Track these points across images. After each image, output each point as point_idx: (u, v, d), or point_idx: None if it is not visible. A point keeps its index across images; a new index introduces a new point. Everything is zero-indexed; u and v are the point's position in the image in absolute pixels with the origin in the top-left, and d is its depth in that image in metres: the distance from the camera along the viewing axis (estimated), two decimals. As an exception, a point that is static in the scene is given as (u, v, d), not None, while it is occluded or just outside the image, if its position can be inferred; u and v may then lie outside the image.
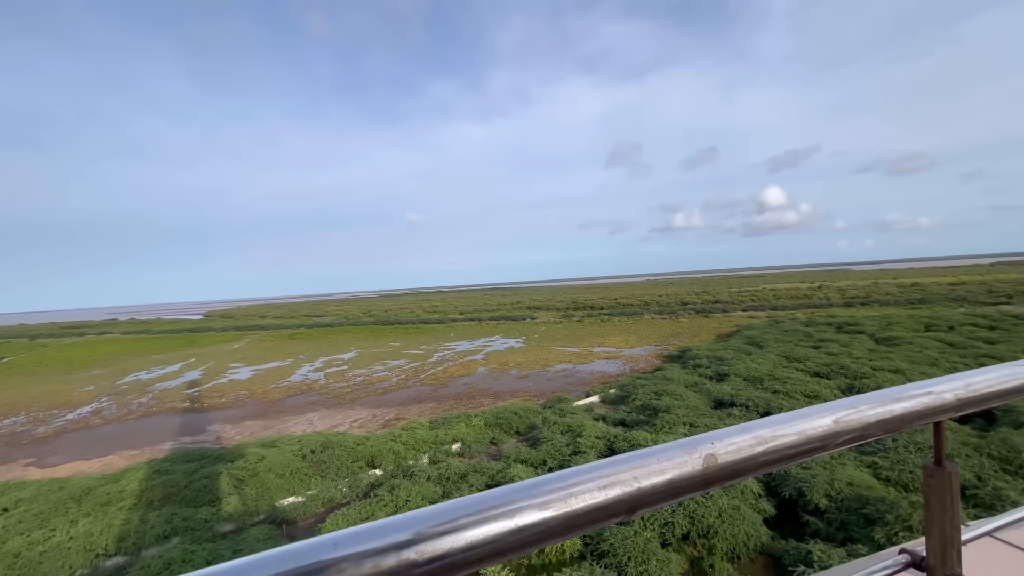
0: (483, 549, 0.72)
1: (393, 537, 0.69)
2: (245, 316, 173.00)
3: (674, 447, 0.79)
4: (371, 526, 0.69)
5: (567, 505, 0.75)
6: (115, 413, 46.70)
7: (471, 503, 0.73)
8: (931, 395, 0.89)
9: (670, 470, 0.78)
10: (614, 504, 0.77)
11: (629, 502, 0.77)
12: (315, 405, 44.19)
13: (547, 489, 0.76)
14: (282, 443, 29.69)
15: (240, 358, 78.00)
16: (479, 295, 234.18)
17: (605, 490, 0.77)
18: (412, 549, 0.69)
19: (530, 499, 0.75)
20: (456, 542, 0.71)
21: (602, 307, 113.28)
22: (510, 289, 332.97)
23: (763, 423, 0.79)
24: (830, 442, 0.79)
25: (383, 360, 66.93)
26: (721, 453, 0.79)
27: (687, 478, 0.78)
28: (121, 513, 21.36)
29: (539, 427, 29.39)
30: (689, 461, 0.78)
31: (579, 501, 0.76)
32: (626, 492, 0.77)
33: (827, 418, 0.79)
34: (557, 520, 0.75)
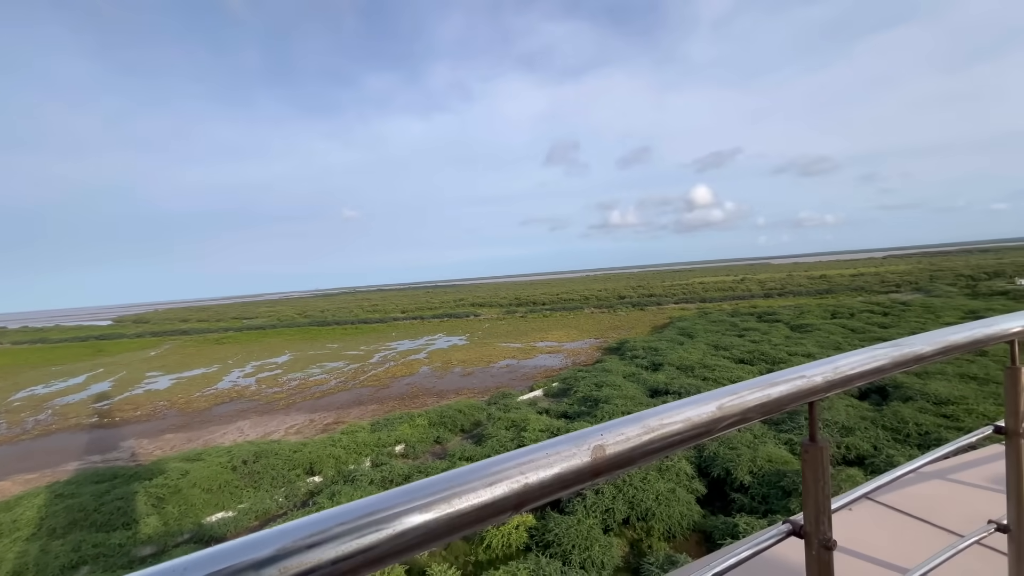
0: (356, 559, 0.71)
1: (253, 555, 0.65)
2: (163, 320, 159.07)
3: (563, 441, 0.80)
4: (230, 545, 0.65)
5: (451, 506, 0.76)
6: (4, 434, 41.38)
7: (346, 511, 0.71)
8: (804, 379, 0.96)
9: (558, 463, 0.79)
10: (500, 501, 0.77)
11: (515, 498, 0.78)
12: (246, 412, 41.56)
13: (431, 491, 0.75)
14: (209, 455, 27.65)
15: (158, 366, 71.68)
16: (421, 293, 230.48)
17: (491, 488, 0.77)
18: (275, 567, 0.66)
19: (412, 502, 0.75)
20: (327, 554, 0.69)
21: (544, 302, 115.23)
22: (453, 286, 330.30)
23: (652, 412, 0.81)
24: (714, 427, 0.82)
25: (320, 363, 64.14)
26: (610, 444, 0.80)
27: (575, 471, 0.79)
28: (15, 545, 19.03)
29: (484, 424, 29.46)
30: (577, 454, 0.79)
31: (463, 501, 0.76)
32: (512, 489, 0.78)
33: (711, 405, 0.82)
34: (439, 522, 0.75)
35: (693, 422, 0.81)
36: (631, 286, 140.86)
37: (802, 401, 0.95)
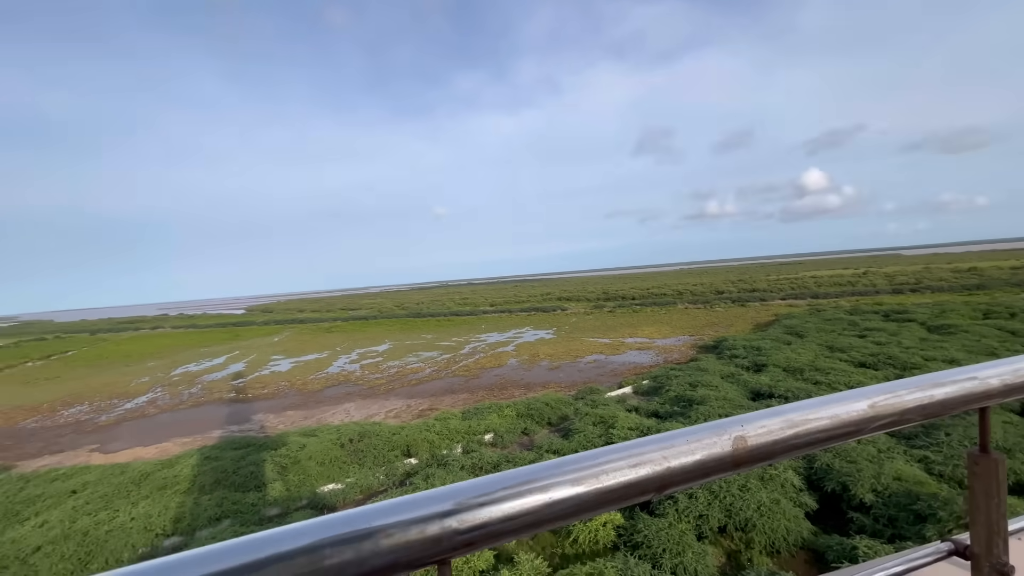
0: (520, 520, 0.76)
1: (436, 507, 0.72)
2: (284, 310, 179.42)
3: (704, 429, 0.80)
4: (416, 496, 0.72)
5: (599, 482, 0.78)
6: (168, 403, 49.52)
7: (508, 477, 0.76)
8: (975, 380, 0.87)
9: (699, 451, 0.79)
10: (644, 482, 0.79)
11: (658, 481, 0.79)
12: (352, 396, 45.56)
13: (580, 466, 0.78)
14: (321, 432, 30.81)
15: (280, 350, 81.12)
16: (509, 287, 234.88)
17: (635, 468, 0.78)
18: (454, 518, 0.73)
19: (563, 475, 0.77)
20: (494, 513, 0.75)
21: (633, 297, 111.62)
22: (539, 280, 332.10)
23: (794, 407, 0.79)
24: (865, 427, 0.78)
25: (416, 352, 68.21)
26: (751, 435, 0.79)
27: (716, 459, 0.79)
28: (176, 497, 22.72)
29: (571, 418, 29.37)
30: (718, 443, 0.79)
31: (610, 478, 0.78)
32: (655, 471, 0.79)
33: (862, 403, 0.78)
34: (589, 495, 0.78)
35: (841, 419, 0.78)
36: (730, 280, 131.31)
37: (972, 406, 0.87)
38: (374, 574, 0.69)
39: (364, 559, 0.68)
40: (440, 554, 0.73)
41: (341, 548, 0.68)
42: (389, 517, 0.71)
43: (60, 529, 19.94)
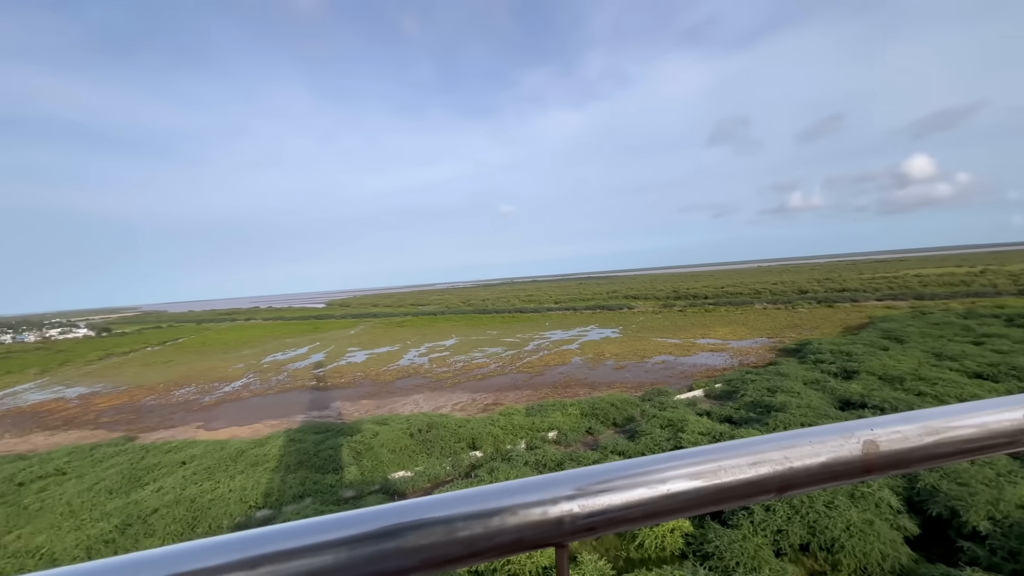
0: (638, 509, 0.75)
1: (559, 490, 0.73)
2: (360, 305, 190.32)
3: (827, 430, 0.75)
4: (540, 479, 0.73)
5: (717, 477, 0.76)
6: (259, 388, 54.38)
7: (626, 466, 0.75)
8: None
9: (824, 453, 0.75)
10: (763, 481, 0.76)
11: (779, 481, 0.75)
12: (420, 388, 47.42)
13: (697, 460, 0.76)
14: (393, 421, 32.38)
15: (356, 343, 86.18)
16: (574, 284, 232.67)
17: (755, 467, 0.76)
18: (575, 502, 0.73)
19: (681, 468, 0.76)
20: (614, 500, 0.74)
21: (706, 296, 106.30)
22: (606, 278, 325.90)
23: (933, 413, 0.74)
24: (1020, 439, 0.70)
25: (481, 347, 69.58)
26: (883, 440, 0.74)
27: (844, 463, 0.75)
28: (266, 473, 24.89)
29: (637, 420, 28.59)
30: (846, 445, 0.75)
31: (728, 475, 0.76)
32: (776, 471, 0.76)
33: (1018, 412, 0.70)
34: (707, 491, 0.76)
35: (990, 429, 0.71)
36: (815, 279, 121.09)
37: None
38: (500, 549, 0.70)
39: (492, 535, 0.70)
40: (561, 537, 0.73)
41: (473, 522, 0.70)
42: (517, 497, 0.72)
43: (173, 495, 22.58)
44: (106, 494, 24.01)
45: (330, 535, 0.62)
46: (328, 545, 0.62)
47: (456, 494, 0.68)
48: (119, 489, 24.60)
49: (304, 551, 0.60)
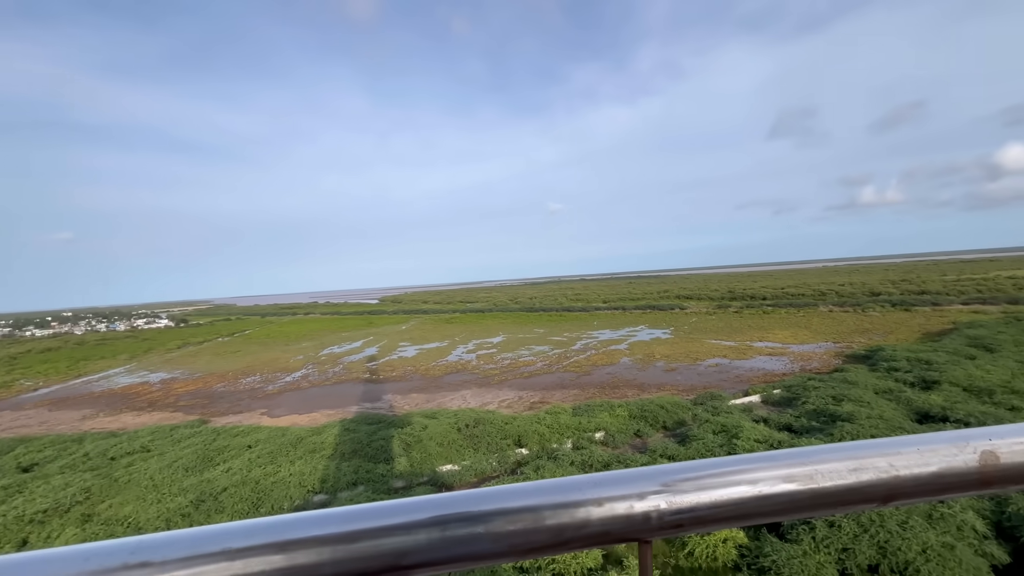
0: (729, 509, 0.71)
1: (646, 485, 0.70)
2: (411, 301, 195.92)
3: (938, 438, 0.70)
4: (627, 472, 0.70)
5: (814, 482, 0.71)
6: (317, 379, 57.25)
7: (715, 464, 0.71)
8: None
9: (935, 462, 0.70)
10: (866, 489, 0.71)
11: (884, 490, 0.70)
12: (468, 383, 48.18)
13: (792, 462, 0.71)
14: (441, 415, 33.11)
15: (407, 338, 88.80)
16: (623, 283, 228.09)
17: (856, 473, 0.71)
18: (662, 498, 0.70)
19: (774, 469, 0.71)
20: (703, 498, 0.71)
21: (764, 297, 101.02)
22: (657, 277, 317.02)
23: None
24: None
25: (528, 345, 69.71)
26: (1004, 452, 0.68)
27: (957, 474, 0.69)
28: (323, 460, 26.18)
29: (688, 424, 27.67)
30: (960, 455, 0.69)
31: (826, 480, 0.71)
32: (880, 478, 0.70)
33: None
34: (803, 495, 0.71)
35: None
36: (890, 280, 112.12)
37: None
38: (586, 540, 0.68)
39: (579, 525, 0.68)
40: (646, 532, 0.70)
41: (560, 511, 0.68)
42: (604, 489, 0.69)
43: (240, 476, 24.24)
44: (183, 471, 26.14)
45: (422, 515, 0.61)
46: (421, 524, 0.61)
47: (543, 483, 0.66)
48: (194, 468, 26.71)
49: (398, 529, 0.60)
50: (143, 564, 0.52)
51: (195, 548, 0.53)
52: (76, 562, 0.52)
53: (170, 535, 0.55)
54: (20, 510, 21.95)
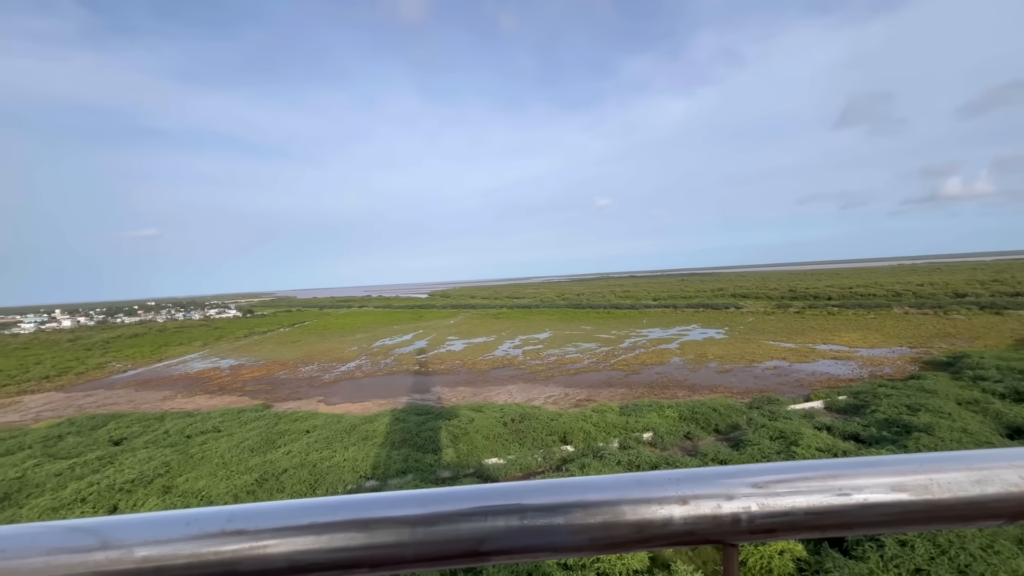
0: (828, 517, 0.65)
1: (736, 486, 0.66)
2: (459, 296, 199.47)
3: None
4: (716, 470, 0.66)
5: (928, 492, 0.64)
6: (370, 369, 59.54)
7: (811, 466, 0.65)
8: None
9: None
10: (991, 504, 0.63)
11: (1014, 505, 0.62)
12: (514, 379, 48.46)
13: (900, 469, 0.64)
14: (487, 409, 33.52)
15: (455, 332, 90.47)
16: (675, 280, 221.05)
17: (979, 485, 0.63)
18: (754, 500, 0.65)
19: (879, 476, 0.65)
20: (798, 503, 0.65)
21: (829, 297, 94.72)
22: (711, 274, 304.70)
23: None
24: None
25: (575, 342, 69.13)
26: None
27: None
28: (374, 448, 27.23)
29: (743, 428, 26.48)
30: None
31: (943, 491, 0.64)
32: (1009, 492, 0.62)
33: None
34: (916, 507, 0.64)
35: None
36: (977, 280, 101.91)
37: None
38: (670, 538, 0.64)
39: (663, 523, 0.64)
40: (734, 535, 0.65)
41: (642, 507, 0.64)
42: (690, 487, 0.65)
43: (299, 458, 25.68)
44: (248, 452, 28.02)
45: (501, 502, 0.59)
46: (499, 512, 0.59)
47: (624, 477, 0.63)
48: (258, 448, 28.56)
49: (476, 515, 0.59)
50: (239, 532, 0.54)
51: (285, 520, 0.55)
52: (179, 526, 0.54)
53: (263, 506, 0.56)
54: (112, 479, 24.36)
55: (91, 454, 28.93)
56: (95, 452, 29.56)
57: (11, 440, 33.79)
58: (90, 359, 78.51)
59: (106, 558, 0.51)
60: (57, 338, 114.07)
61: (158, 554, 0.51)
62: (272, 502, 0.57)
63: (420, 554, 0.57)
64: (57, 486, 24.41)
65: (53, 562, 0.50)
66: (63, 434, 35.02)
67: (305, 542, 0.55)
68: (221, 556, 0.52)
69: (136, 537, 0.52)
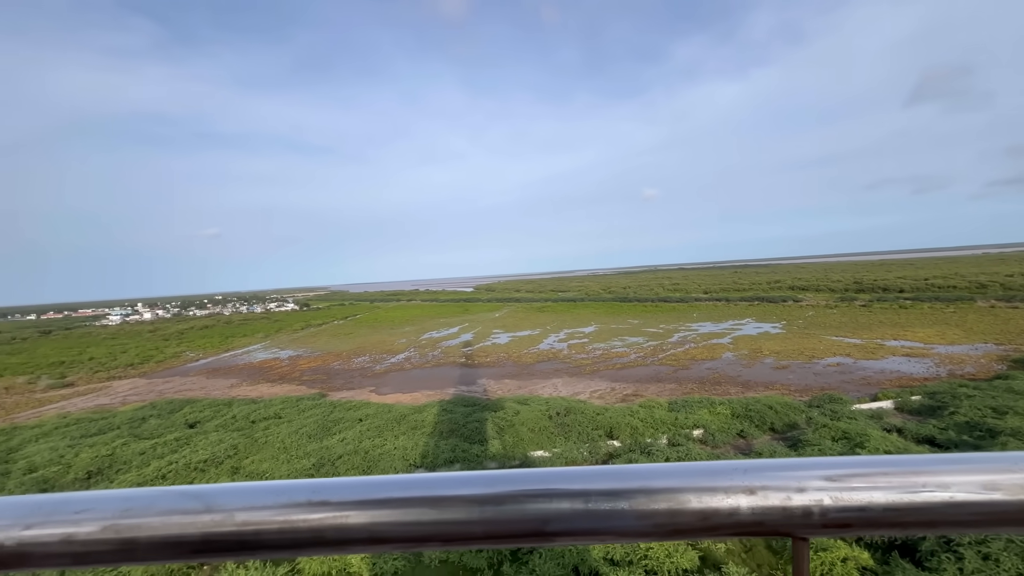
0: (908, 514, 0.63)
1: (809, 477, 0.63)
2: (504, 290, 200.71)
3: None
4: (783, 461, 0.64)
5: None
6: (418, 361, 61.20)
7: (891, 462, 0.62)
8: None
9: None
10: None
11: None
12: (559, 372, 48.32)
13: (992, 466, 0.61)
14: (532, 402, 33.65)
15: (500, 325, 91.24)
16: (727, 272, 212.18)
17: None
18: (826, 493, 0.63)
19: (969, 473, 0.61)
20: (876, 498, 0.63)
21: (901, 289, 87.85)
22: (766, 266, 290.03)
23: None
24: None
25: (621, 336, 67.97)
26: None
27: None
28: (423, 437, 28.02)
29: (801, 427, 25.17)
30: None
31: None
32: None
33: None
34: (1011, 507, 0.60)
35: None
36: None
37: None
38: (736, 528, 0.62)
39: (729, 512, 0.62)
40: (805, 529, 0.63)
41: (706, 496, 0.62)
42: (758, 477, 0.62)
43: (352, 445, 26.84)
44: (306, 438, 29.60)
45: (566, 485, 0.60)
46: (564, 495, 0.60)
47: (690, 465, 0.62)
48: (315, 435, 30.11)
49: (542, 496, 0.59)
50: (323, 503, 0.57)
51: (363, 494, 0.58)
52: (271, 495, 0.58)
53: (343, 480, 0.59)
54: (188, 459, 26.47)
55: (170, 435, 31.54)
56: (173, 434, 32.19)
57: (103, 421, 37.42)
58: (167, 348, 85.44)
59: (211, 520, 0.56)
60: (139, 329, 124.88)
61: (255, 519, 0.56)
62: (352, 477, 0.60)
63: (488, 532, 0.59)
64: (141, 463, 26.82)
65: (168, 521, 0.57)
66: (146, 416, 38.41)
67: (382, 515, 0.57)
68: (309, 524, 0.56)
69: (235, 503, 0.57)
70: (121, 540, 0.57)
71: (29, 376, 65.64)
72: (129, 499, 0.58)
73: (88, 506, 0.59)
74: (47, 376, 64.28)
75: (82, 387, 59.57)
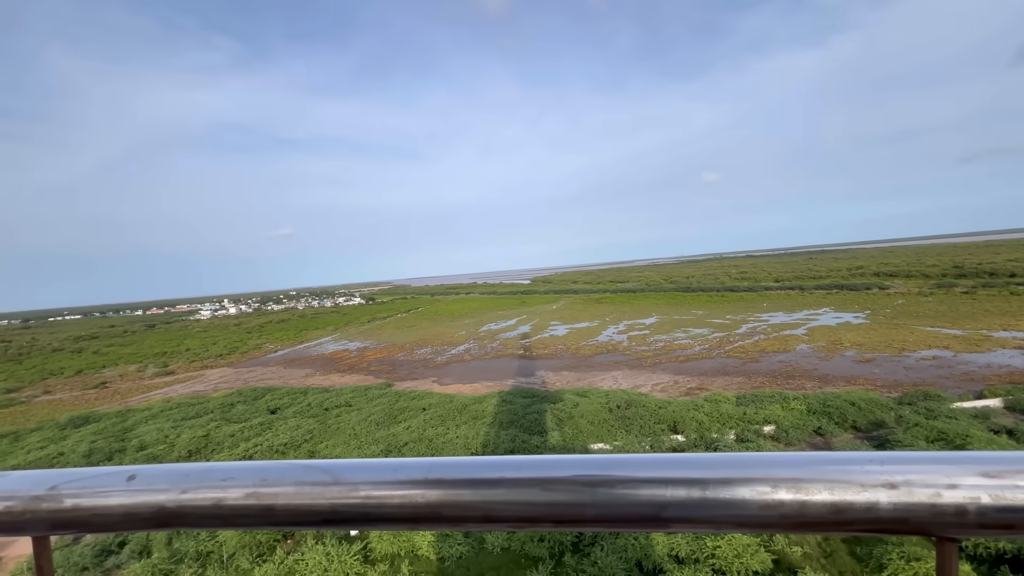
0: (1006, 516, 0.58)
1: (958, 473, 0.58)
2: (561, 282, 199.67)
3: None
4: (931, 454, 0.59)
5: None
6: (478, 353, 62.45)
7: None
8: None
9: None
10: None
11: None
12: (619, 364, 47.46)
13: None
14: (592, 394, 33.32)
15: (558, 317, 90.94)
16: (801, 259, 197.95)
17: None
18: (983, 491, 0.58)
19: None
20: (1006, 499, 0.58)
21: (1012, 273, 77.73)
22: (846, 251, 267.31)
23: None
24: None
25: (684, 327, 65.54)
26: None
27: None
28: (483, 427, 28.61)
29: (889, 426, 23.10)
30: None
31: None
32: None
33: None
34: None
35: None
36: None
37: None
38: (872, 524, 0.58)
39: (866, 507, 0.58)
40: (957, 529, 0.58)
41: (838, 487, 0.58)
42: (899, 469, 0.58)
43: (417, 433, 27.94)
44: (374, 425, 31.17)
45: (681, 472, 0.58)
46: (679, 482, 0.58)
47: (818, 454, 0.58)
48: (382, 423, 31.63)
49: (656, 482, 0.58)
50: (438, 480, 0.58)
51: (475, 473, 0.58)
52: (390, 471, 0.60)
53: (456, 460, 0.61)
54: (270, 442, 28.76)
55: (255, 420, 34.39)
56: (258, 419, 35.07)
57: (199, 406, 41.48)
58: (250, 340, 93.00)
59: (338, 492, 0.58)
60: (226, 323, 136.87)
61: (377, 493, 0.58)
62: (464, 457, 0.62)
63: (600, 515, 0.58)
64: (231, 445, 29.48)
65: (299, 491, 0.59)
66: (234, 402, 42.11)
67: (495, 494, 0.57)
68: (427, 499, 0.57)
69: (358, 477, 0.59)
70: (262, 507, 0.60)
71: (138, 364, 74.07)
72: (264, 470, 0.63)
73: (231, 475, 0.63)
74: (153, 365, 72.22)
75: (181, 375, 66.35)
